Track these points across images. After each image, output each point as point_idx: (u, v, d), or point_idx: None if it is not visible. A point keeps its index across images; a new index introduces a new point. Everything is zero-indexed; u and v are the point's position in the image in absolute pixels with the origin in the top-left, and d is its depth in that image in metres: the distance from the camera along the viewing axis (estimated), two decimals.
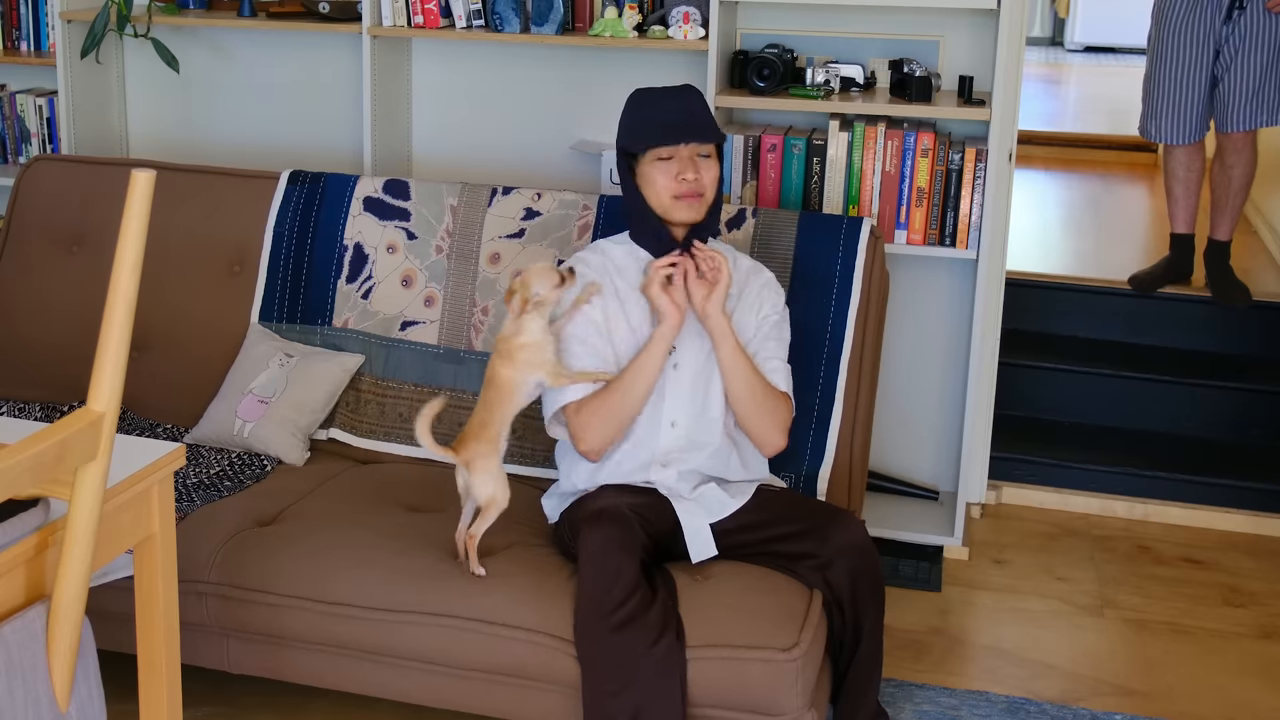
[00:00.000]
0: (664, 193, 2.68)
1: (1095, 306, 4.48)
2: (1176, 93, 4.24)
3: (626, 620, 2.39)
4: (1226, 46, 4.15)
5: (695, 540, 2.63)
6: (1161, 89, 4.26)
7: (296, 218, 3.35)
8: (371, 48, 3.74)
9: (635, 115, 2.73)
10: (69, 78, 3.94)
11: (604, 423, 2.63)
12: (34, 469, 1.62)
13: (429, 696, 2.68)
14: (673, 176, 2.67)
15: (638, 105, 2.74)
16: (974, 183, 3.42)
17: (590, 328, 2.70)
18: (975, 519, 3.89)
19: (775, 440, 2.71)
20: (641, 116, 2.72)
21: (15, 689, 1.70)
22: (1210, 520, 3.91)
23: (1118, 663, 3.19)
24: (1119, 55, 9.99)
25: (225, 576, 2.66)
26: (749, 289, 2.79)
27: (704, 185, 2.68)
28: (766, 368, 2.71)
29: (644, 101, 2.74)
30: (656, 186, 2.69)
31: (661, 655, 2.40)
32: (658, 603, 2.44)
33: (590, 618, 2.43)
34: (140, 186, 1.69)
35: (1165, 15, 4.23)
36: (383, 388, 3.22)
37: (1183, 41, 4.19)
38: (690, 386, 2.72)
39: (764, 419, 2.69)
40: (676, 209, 2.68)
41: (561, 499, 2.78)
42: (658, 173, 2.68)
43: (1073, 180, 6.58)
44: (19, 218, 3.50)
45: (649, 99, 2.74)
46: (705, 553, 2.63)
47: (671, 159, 2.67)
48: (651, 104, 2.73)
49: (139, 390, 3.22)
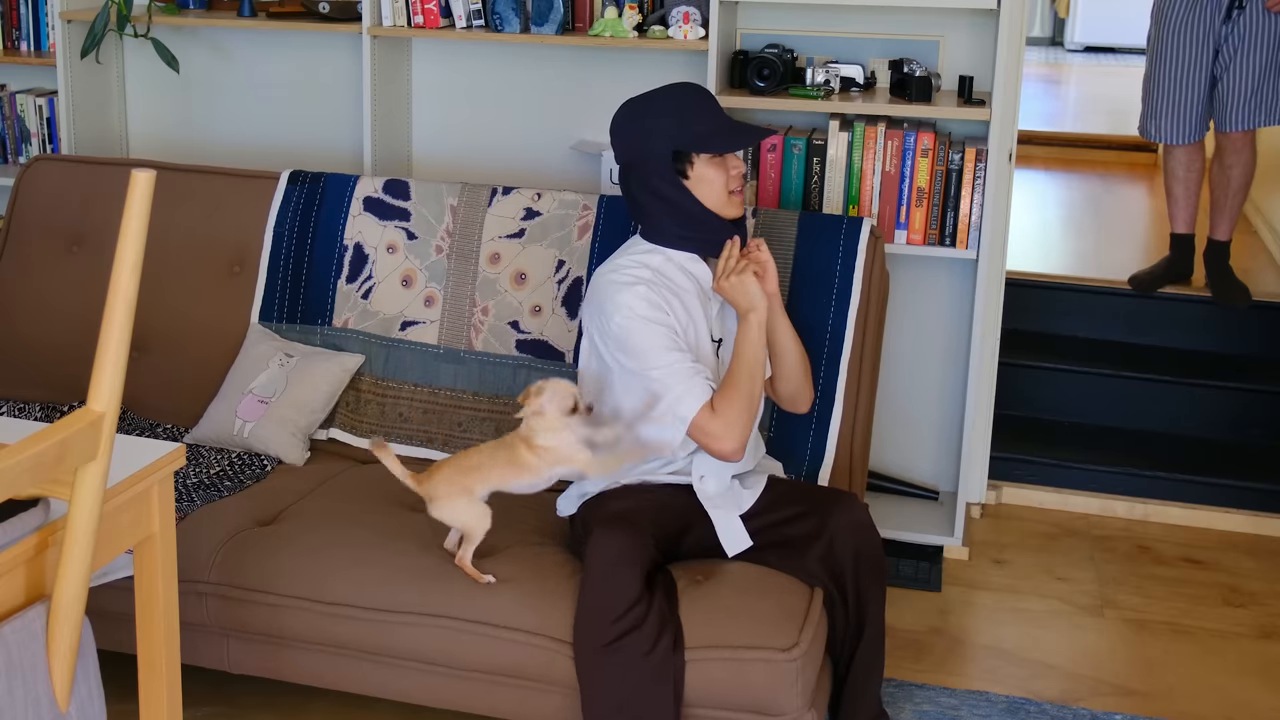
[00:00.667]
0: (722, 190, 2.68)
1: (1095, 306, 4.48)
2: (1176, 92, 4.23)
3: (624, 632, 2.40)
4: (1226, 46, 4.15)
5: (728, 534, 2.64)
6: (1161, 89, 4.26)
7: (296, 218, 3.35)
8: (371, 48, 3.74)
9: (692, 117, 2.67)
10: (69, 78, 3.94)
11: (742, 417, 2.57)
12: (34, 469, 1.62)
13: (429, 696, 2.68)
14: (729, 172, 2.68)
15: (686, 108, 2.68)
16: (974, 183, 3.42)
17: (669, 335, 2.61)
18: (975, 519, 3.89)
19: (811, 393, 2.88)
20: (704, 119, 2.68)
21: (15, 689, 1.70)
22: (1210, 520, 3.91)
23: (1118, 663, 3.19)
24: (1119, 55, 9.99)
25: (225, 576, 2.66)
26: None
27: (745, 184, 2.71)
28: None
29: (691, 103, 2.69)
30: (715, 185, 2.68)
31: (657, 663, 2.40)
32: (654, 609, 2.43)
33: (589, 631, 2.44)
34: (140, 186, 1.69)
35: (1165, 15, 4.23)
36: (383, 388, 3.22)
37: (1182, 41, 4.19)
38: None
39: (807, 379, 2.84)
40: (731, 205, 2.70)
41: (581, 497, 2.76)
42: (715, 170, 2.67)
43: (1073, 180, 6.58)
44: (19, 218, 3.50)
45: (698, 100, 2.70)
46: (740, 545, 2.64)
47: (724, 156, 2.69)
48: (703, 105, 2.70)
49: (139, 390, 3.22)
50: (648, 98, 2.71)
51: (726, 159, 2.68)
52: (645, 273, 2.65)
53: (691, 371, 2.57)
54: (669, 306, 2.63)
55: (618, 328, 2.59)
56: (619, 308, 2.60)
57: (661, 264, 2.69)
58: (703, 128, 2.66)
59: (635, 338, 2.59)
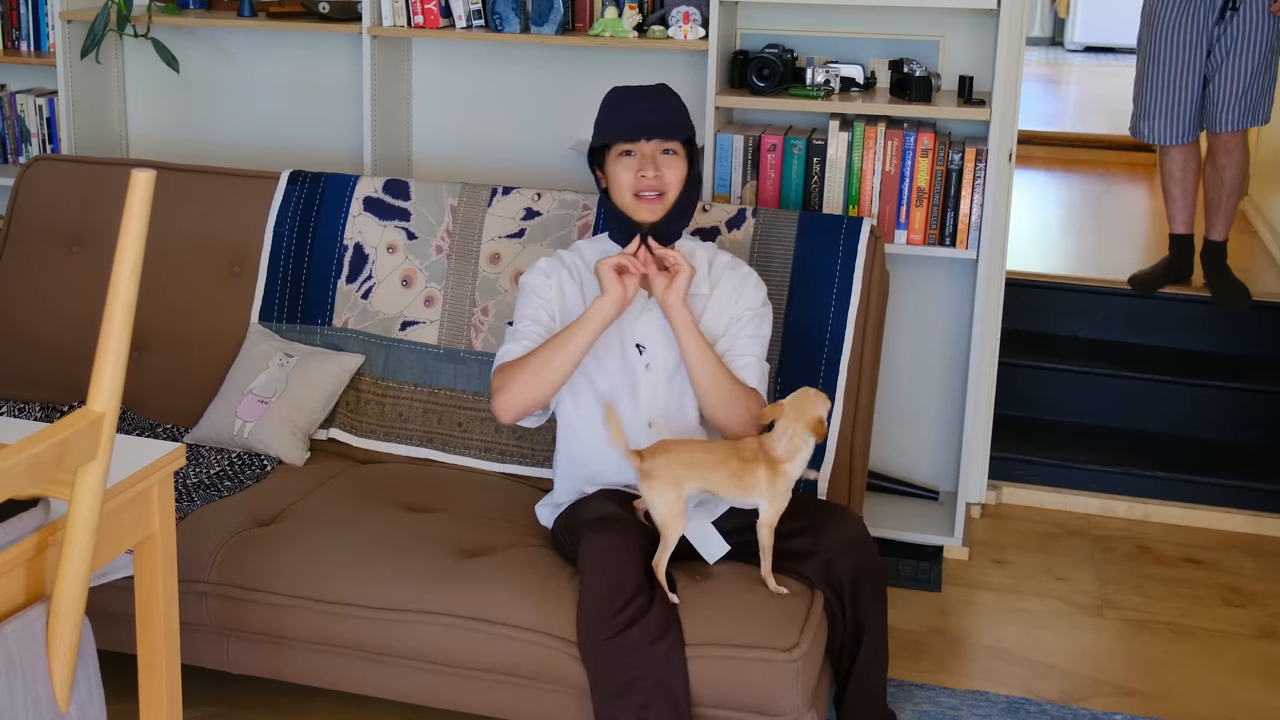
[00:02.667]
0: (626, 190, 2.68)
1: (1095, 306, 4.48)
2: (1169, 93, 4.23)
3: (629, 622, 2.39)
4: (1218, 46, 4.14)
5: (703, 543, 2.62)
6: (1154, 89, 4.26)
7: (296, 218, 3.35)
8: (371, 48, 3.74)
9: (605, 111, 2.73)
10: (69, 78, 3.94)
11: (520, 385, 2.62)
12: (34, 469, 1.62)
13: (429, 696, 2.67)
14: (634, 173, 2.66)
15: (609, 102, 2.74)
16: (974, 183, 3.42)
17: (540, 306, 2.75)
18: (975, 519, 3.89)
19: (740, 434, 2.65)
20: (609, 112, 2.72)
21: (15, 689, 1.70)
22: (1210, 520, 3.91)
23: (1118, 663, 3.19)
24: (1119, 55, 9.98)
25: (225, 576, 2.66)
26: (723, 284, 2.78)
27: (665, 184, 2.67)
28: (737, 364, 2.69)
29: (615, 98, 2.74)
30: (620, 183, 2.68)
31: (664, 653, 2.40)
32: (657, 603, 2.44)
33: (593, 623, 2.43)
34: (140, 186, 1.69)
35: (1157, 15, 4.22)
36: (383, 388, 3.22)
37: (1175, 41, 4.18)
38: (666, 387, 2.72)
39: (728, 411, 2.65)
40: (638, 209, 2.67)
41: (555, 509, 2.78)
42: (621, 169, 2.68)
43: (1073, 180, 6.58)
44: (19, 218, 3.50)
45: (621, 95, 2.74)
46: (718, 552, 2.62)
47: (634, 155, 2.67)
48: (621, 100, 2.72)
49: (139, 390, 3.22)
50: (611, 90, 2.78)
51: (635, 158, 2.66)
52: (570, 255, 2.80)
53: (517, 334, 2.73)
54: (562, 286, 2.75)
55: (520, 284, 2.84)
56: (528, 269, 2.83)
57: (598, 252, 2.77)
58: (607, 124, 2.70)
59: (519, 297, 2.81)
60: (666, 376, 2.71)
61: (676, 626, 2.44)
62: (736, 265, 2.82)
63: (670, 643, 2.41)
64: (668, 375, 2.71)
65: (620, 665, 2.40)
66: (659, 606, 2.43)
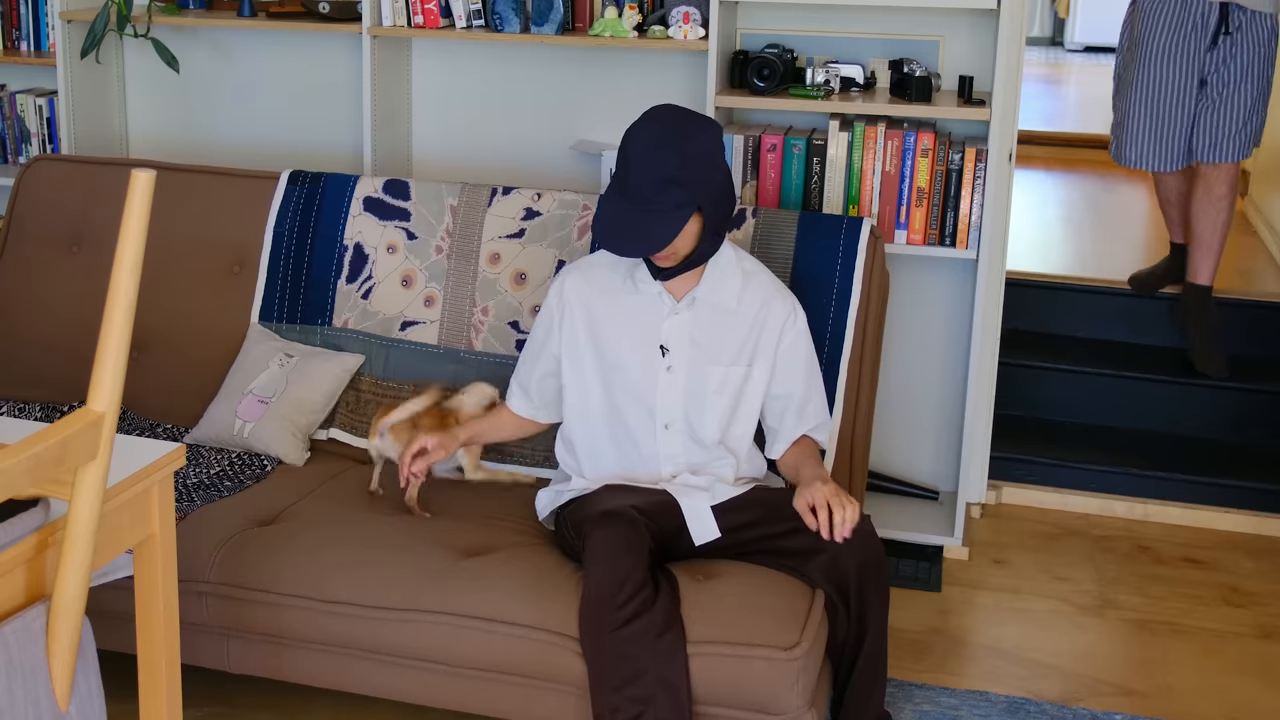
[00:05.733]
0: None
1: (1095, 306, 4.48)
2: (1159, 121, 4.08)
3: (632, 616, 2.40)
4: (1214, 78, 4.00)
5: (695, 521, 2.63)
6: (1140, 117, 4.10)
7: (296, 218, 3.35)
8: (371, 48, 3.74)
9: (613, 179, 2.64)
10: (69, 78, 3.94)
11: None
12: (34, 469, 1.62)
13: (429, 696, 2.68)
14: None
15: (622, 149, 2.61)
16: (974, 183, 3.42)
17: (544, 332, 2.82)
18: (975, 519, 3.89)
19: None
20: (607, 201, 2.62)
21: (15, 689, 1.70)
22: (1210, 520, 3.91)
23: (1118, 663, 3.19)
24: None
25: (225, 576, 2.66)
26: (768, 321, 2.76)
27: (674, 252, 2.62)
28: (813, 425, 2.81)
29: (624, 145, 2.60)
30: None
31: (667, 649, 2.40)
32: (662, 599, 2.44)
33: (596, 615, 2.43)
34: (140, 186, 1.69)
35: (1144, 40, 4.06)
36: (383, 388, 3.22)
37: (1166, 70, 4.03)
38: (684, 390, 2.72)
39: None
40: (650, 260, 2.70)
41: (557, 495, 2.78)
42: None
43: (1073, 180, 6.58)
44: (19, 218, 3.50)
45: (628, 144, 2.59)
46: (707, 535, 2.63)
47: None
48: (626, 153, 2.58)
49: (139, 390, 3.22)
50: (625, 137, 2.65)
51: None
52: (573, 283, 2.80)
53: (519, 364, 2.90)
54: (583, 305, 2.77)
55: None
56: (552, 286, 2.86)
57: (604, 274, 2.79)
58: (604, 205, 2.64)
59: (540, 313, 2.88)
60: (685, 379, 2.72)
61: (679, 624, 2.45)
62: (770, 296, 2.78)
63: (673, 639, 2.41)
64: (686, 378, 2.72)
65: (622, 658, 2.40)
66: (663, 603, 2.44)
